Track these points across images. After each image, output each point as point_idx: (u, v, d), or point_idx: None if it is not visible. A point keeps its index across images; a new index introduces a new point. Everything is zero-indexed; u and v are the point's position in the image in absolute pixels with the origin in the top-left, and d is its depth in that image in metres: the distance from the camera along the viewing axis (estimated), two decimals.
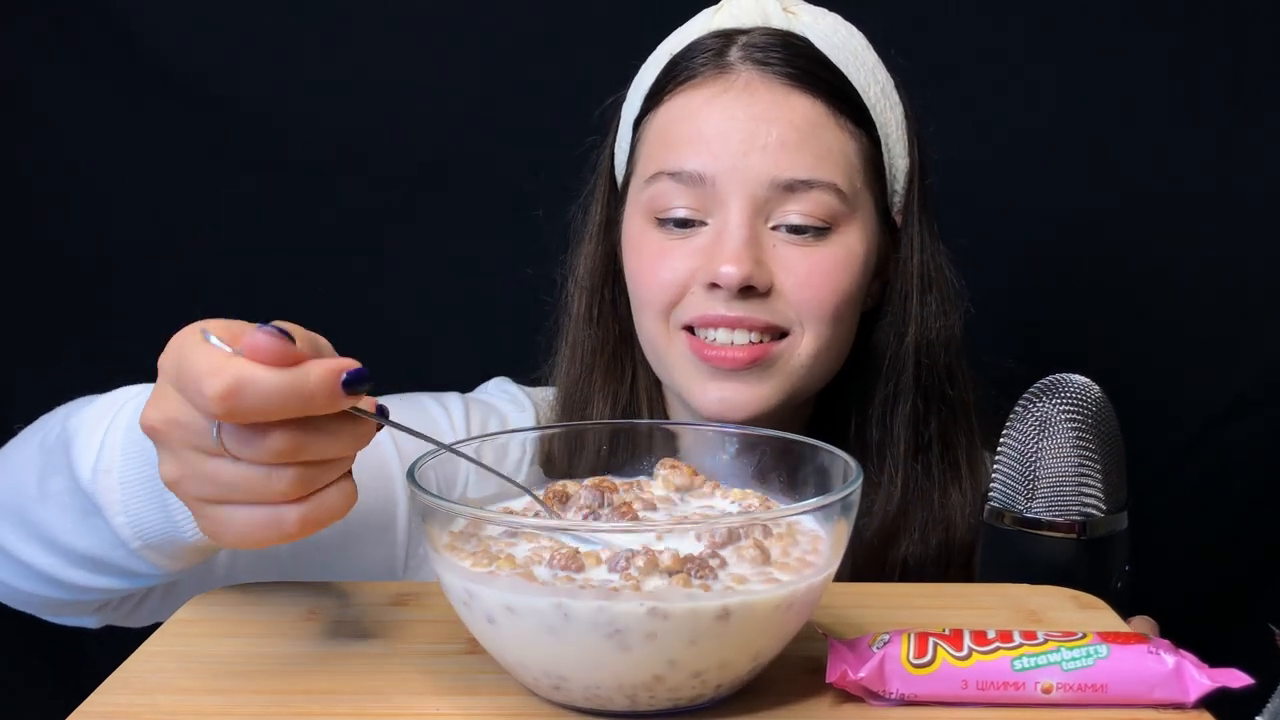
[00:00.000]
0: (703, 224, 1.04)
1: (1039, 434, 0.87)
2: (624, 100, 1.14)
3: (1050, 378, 0.89)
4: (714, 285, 1.01)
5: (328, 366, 0.62)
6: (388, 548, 1.07)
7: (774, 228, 1.03)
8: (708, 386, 1.04)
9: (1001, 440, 0.90)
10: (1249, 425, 1.58)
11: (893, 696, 0.66)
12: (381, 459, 1.06)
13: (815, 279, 1.03)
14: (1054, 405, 0.87)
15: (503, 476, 0.76)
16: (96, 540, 0.82)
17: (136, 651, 0.72)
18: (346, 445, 0.64)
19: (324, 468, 0.64)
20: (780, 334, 1.04)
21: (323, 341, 0.66)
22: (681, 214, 1.04)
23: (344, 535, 1.03)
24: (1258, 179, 1.53)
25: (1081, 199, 1.57)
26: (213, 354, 0.62)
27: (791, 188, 1.01)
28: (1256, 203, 1.54)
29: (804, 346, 1.04)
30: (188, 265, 1.57)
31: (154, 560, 0.82)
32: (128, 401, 0.83)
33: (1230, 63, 1.53)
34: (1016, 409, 0.90)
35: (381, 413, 0.66)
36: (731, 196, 1.02)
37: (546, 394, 1.19)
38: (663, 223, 1.05)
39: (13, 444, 0.92)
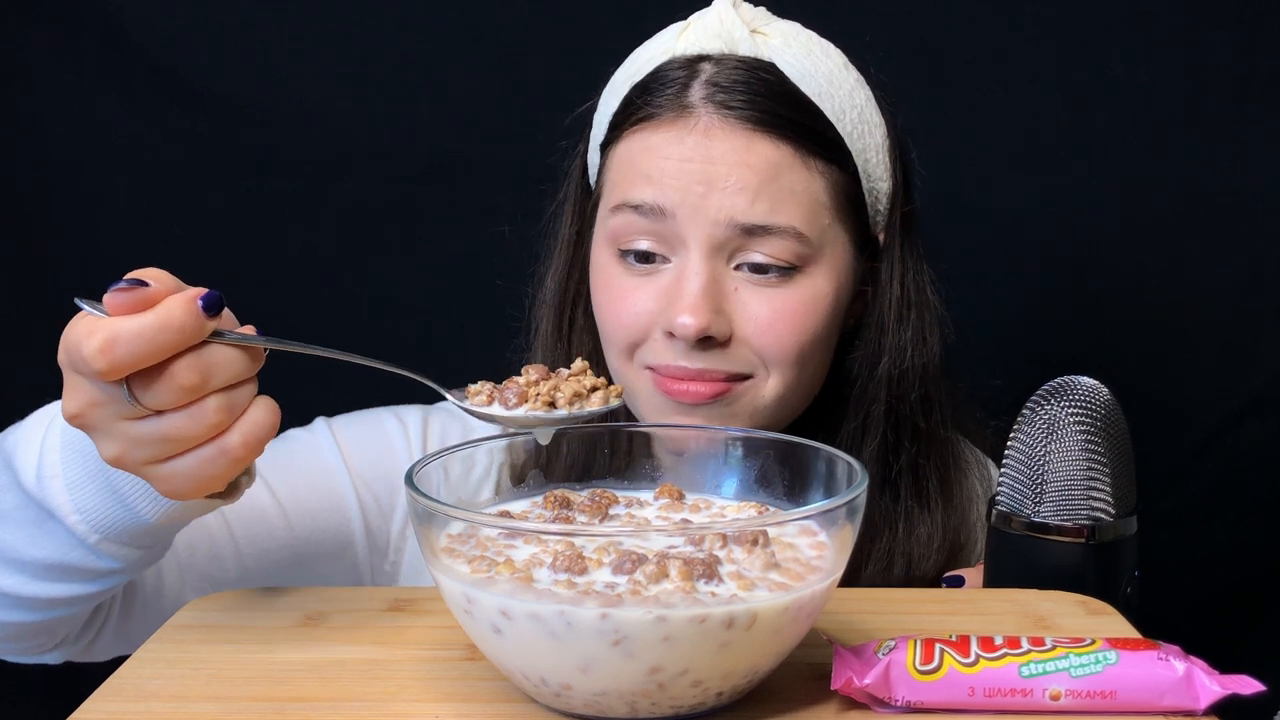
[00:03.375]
0: (665, 260, 1.01)
1: (1047, 437, 0.86)
2: (595, 110, 1.11)
3: (1058, 380, 0.88)
4: (672, 334, 0.99)
5: (185, 296, 0.67)
6: (347, 566, 1.07)
7: (737, 267, 1.00)
8: (667, 417, 1.02)
9: (1009, 443, 0.89)
10: (1259, 428, 1.57)
11: (899, 703, 0.65)
12: (330, 483, 1.06)
13: (778, 325, 1.00)
14: (1062, 408, 0.86)
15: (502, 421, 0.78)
16: (55, 545, 0.82)
17: (131, 657, 0.72)
18: (243, 364, 0.69)
19: (237, 390, 0.69)
20: (742, 377, 1.01)
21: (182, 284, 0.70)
22: (644, 246, 1.01)
23: (295, 559, 1.04)
24: (1268, 177, 1.53)
25: (1091, 198, 1.56)
26: (84, 322, 0.67)
27: (751, 231, 0.98)
28: (1267, 203, 1.54)
29: (768, 389, 1.01)
30: (178, 266, 1.57)
31: (114, 552, 0.82)
32: (59, 410, 0.83)
33: (1241, 62, 1.52)
34: (1024, 412, 0.89)
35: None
36: (691, 236, 0.99)
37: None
38: (624, 254, 1.02)
39: None
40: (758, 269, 0.99)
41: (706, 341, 0.98)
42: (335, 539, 1.06)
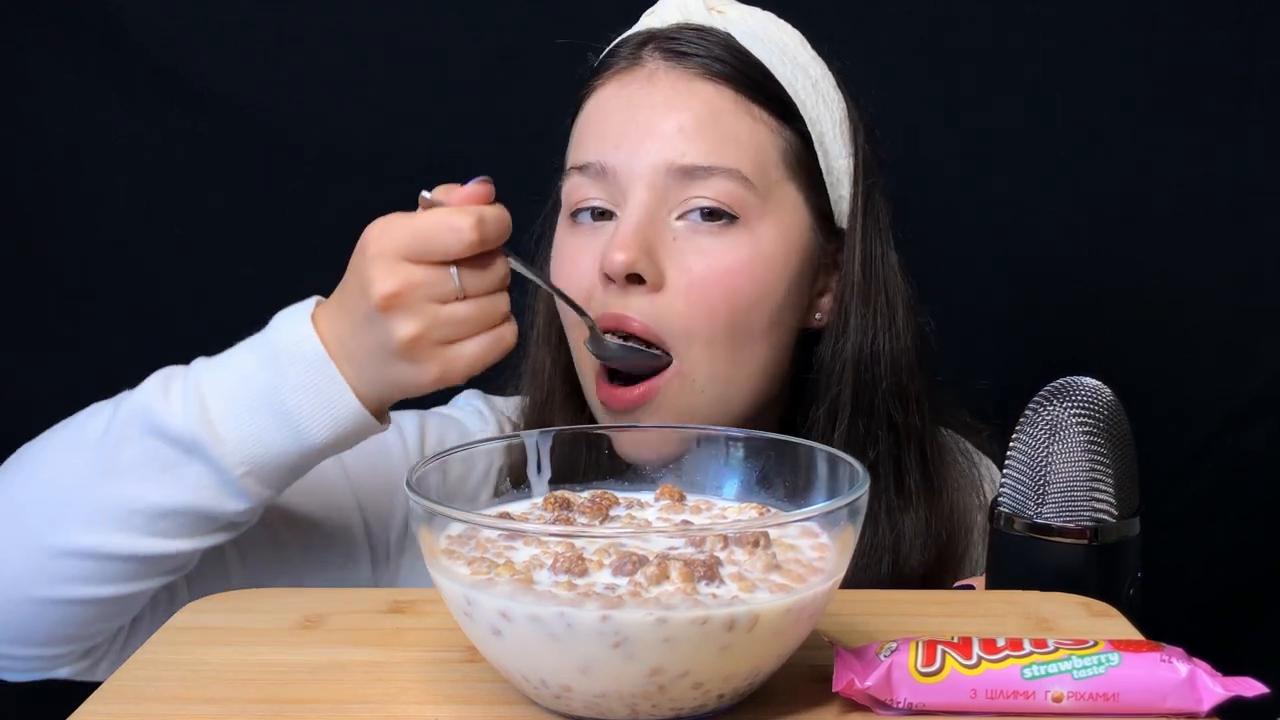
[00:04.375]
0: (614, 216, 1.02)
1: (1049, 438, 0.86)
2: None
3: (1060, 380, 0.88)
4: (607, 277, 0.99)
5: (500, 206, 0.85)
6: (352, 574, 1.07)
7: (679, 218, 1.00)
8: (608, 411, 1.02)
9: (1011, 444, 0.89)
10: (1260, 428, 1.57)
11: (900, 706, 0.65)
12: (332, 493, 1.05)
13: (709, 279, 0.99)
14: (1064, 409, 0.86)
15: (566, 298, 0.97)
16: (184, 487, 0.88)
17: (129, 660, 0.72)
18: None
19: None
20: (665, 363, 0.99)
21: None
22: (595, 204, 1.02)
23: (303, 569, 1.04)
24: (1269, 177, 1.53)
25: (1091, 198, 1.56)
26: (437, 211, 0.84)
27: (690, 173, 0.99)
28: (1267, 203, 1.54)
29: (694, 368, 0.99)
30: (178, 266, 1.57)
31: (250, 489, 0.89)
32: (189, 368, 0.91)
33: (1241, 62, 1.52)
34: (1026, 413, 0.89)
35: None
36: (633, 186, 1.00)
37: (519, 403, 1.17)
38: (577, 217, 1.03)
39: (29, 457, 0.93)
40: (700, 215, 0.99)
41: (635, 282, 0.98)
42: (340, 550, 1.06)
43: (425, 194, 0.85)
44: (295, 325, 0.89)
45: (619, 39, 1.08)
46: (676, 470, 0.80)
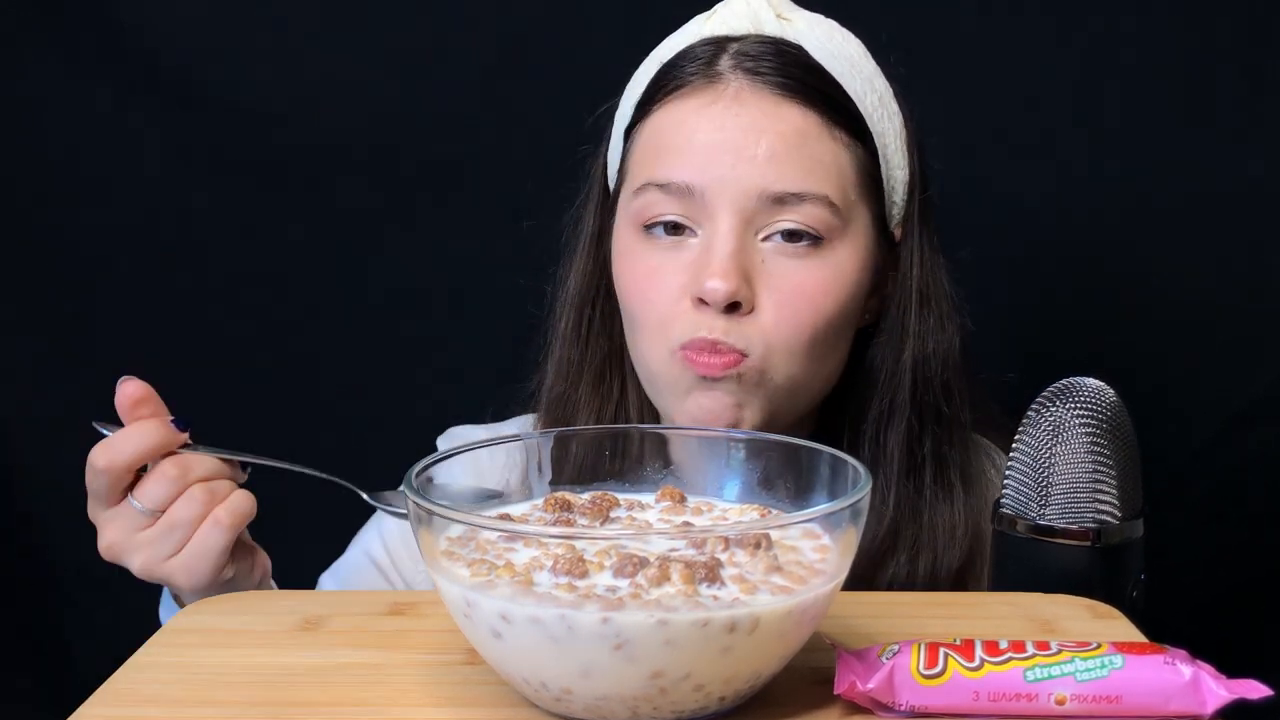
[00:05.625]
0: (692, 233, 1.01)
1: (1052, 439, 0.86)
2: (616, 108, 1.12)
3: (1063, 381, 0.88)
4: (702, 301, 0.99)
5: (158, 419, 0.89)
6: None
7: (764, 239, 1.00)
8: (690, 396, 1.02)
9: (1014, 445, 0.89)
10: (1265, 430, 1.56)
11: (902, 708, 0.64)
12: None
13: (797, 300, 1.00)
14: (1067, 410, 0.86)
15: None
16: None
17: (127, 662, 0.71)
18: (214, 464, 0.90)
19: (216, 482, 0.90)
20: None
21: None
22: (671, 219, 1.01)
23: None
24: (1275, 178, 1.52)
25: (1095, 199, 1.55)
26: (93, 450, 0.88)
27: (781, 200, 0.99)
28: (1273, 203, 1.53)
29: (773, 372, 1.01)
30: (177, 265, 1.57)
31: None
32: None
33: (1248, 57, 1.52)
34: (1029, 413, 0.88)
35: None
36: (720, 208, 0.99)
37: (523, 423, 1.18)
38: (650, 229, 1.03)
39: None
40: (787, 236, 1.00)
41: (732, 308, 0.99)
42: None
43: (95, 424, 0.91)
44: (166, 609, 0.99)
45: (682, 48, 1.06)
46: (677, 472, 0.80)
